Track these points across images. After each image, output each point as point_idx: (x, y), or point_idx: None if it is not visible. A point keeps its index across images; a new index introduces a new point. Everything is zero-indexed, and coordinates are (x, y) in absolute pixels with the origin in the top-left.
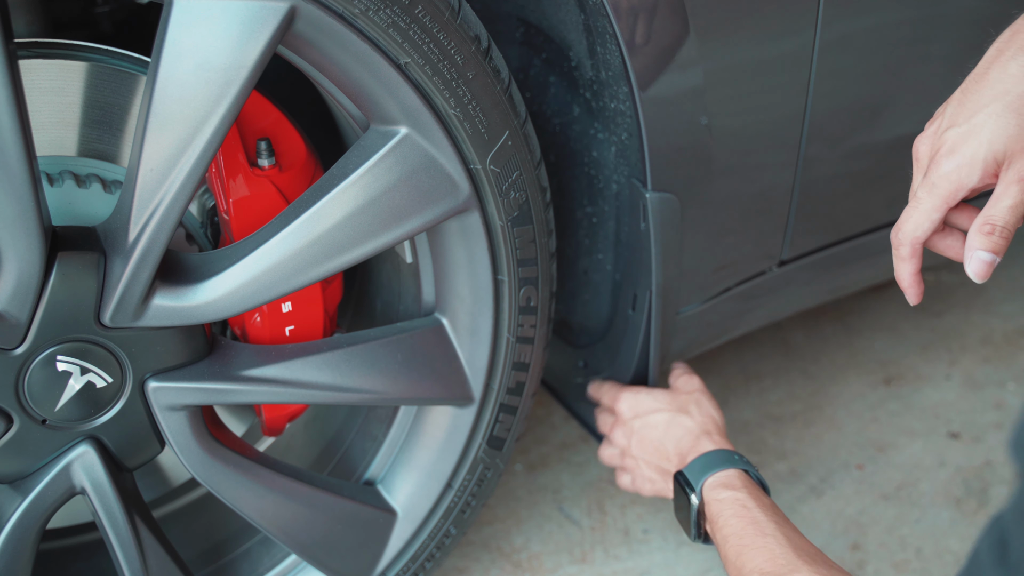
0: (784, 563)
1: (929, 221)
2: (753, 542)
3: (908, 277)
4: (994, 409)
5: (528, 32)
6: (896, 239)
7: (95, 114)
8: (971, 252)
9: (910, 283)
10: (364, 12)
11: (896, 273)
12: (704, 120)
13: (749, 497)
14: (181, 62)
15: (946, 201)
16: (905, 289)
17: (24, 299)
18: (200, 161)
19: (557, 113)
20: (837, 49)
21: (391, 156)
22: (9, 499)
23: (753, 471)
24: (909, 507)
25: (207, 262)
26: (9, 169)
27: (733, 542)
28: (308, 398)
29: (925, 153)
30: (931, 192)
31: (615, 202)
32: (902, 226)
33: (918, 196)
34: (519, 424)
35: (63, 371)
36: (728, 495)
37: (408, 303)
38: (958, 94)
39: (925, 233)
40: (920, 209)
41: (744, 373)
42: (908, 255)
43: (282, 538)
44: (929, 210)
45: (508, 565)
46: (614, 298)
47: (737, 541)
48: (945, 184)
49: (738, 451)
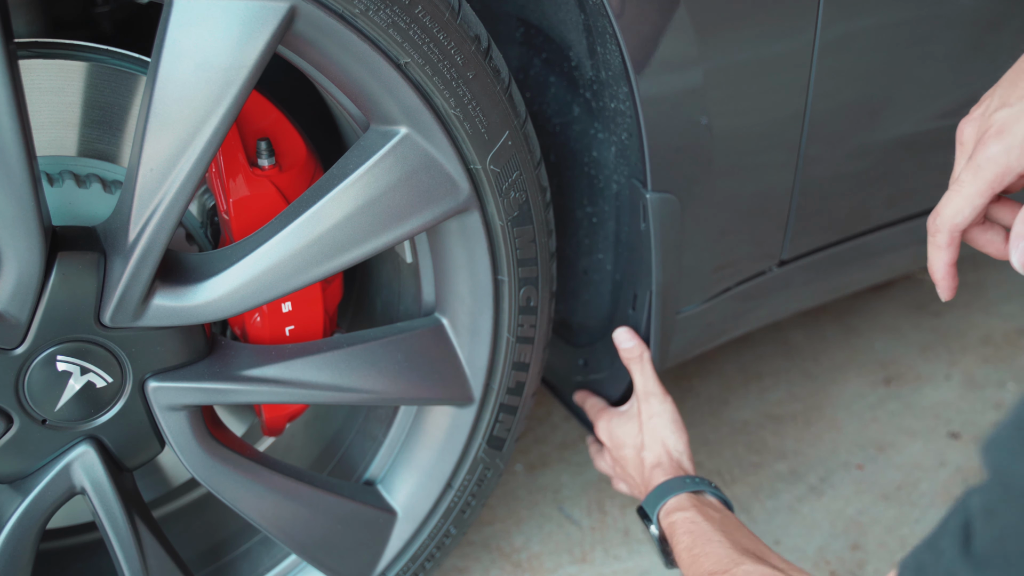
0: (728, 561)
1: (971, 207)
2: (702, 550)
3: (942, 268)
4: (994, 409)
5: (528, 32)
6: (933, 225)
7: (95, 114)
8: (1019, 241)
9: (944, 275)
10: (364, 12)
11: (929, 263)
12: (704, 120)
13: (697, 513)
14: (181, 62)
15: (991, 186)
16: (937, 281)
17: (24, 299)
18: (200, 161)
19: (557, 113)
20: (837, 49)
21: (391, 156)
22: (9, 499)
23: (709, 488)
24: (909, 507)
25: (207, 262)
26: (9, 169)
27: (685, 556)
28: (308, 398)
29: (970, 136)
30: (975, 175)
31: (615, 202)
32: (941, 211)
33: (960, 180)
34: (519, 424)
35: (63, 371)
36: (679, 516)
37: (408, 303)
38: (1010, 74)
39: (965, 220)
40: (962, 194)
41: (744, 373)
42: (945, 243)
43: (282, 538)
44: (972, 195)
45: (508, 565)
46: (614, 298)
47: (688, 553)
48: (991, 167)
49: (696, 474)
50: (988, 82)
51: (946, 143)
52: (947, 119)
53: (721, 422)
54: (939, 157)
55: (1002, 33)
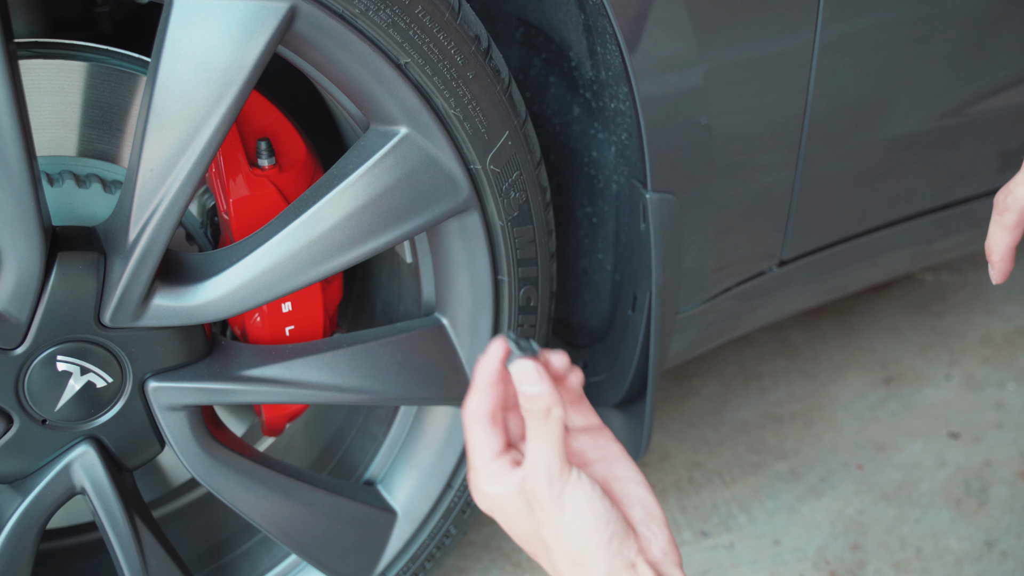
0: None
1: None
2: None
3: (1003, 249)
4: (994, 409)
5: (528, 32)
6: (1003, 203)
7: (95, 114)
8: None
9: (1002, 256)
10: (364, 12)
11: (989, 242)
12: (704, 120)
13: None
14: (181, 62)
15: None
16: (994, 263)
17: (24, 299)
18: (200, 161)
19: (557, 113)
20: (837, 49)
21: (391, 156)
22: (9, 499)
23: None
24: (909, 507)
25: (207, 262)
26: (9, 169)
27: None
28: (308, 398)
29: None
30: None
31: (615, 202)
32: (1015, 190)
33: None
34: None
35: (63, 371)
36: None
37: (408, 303)
38: None
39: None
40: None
41: (744, 373)
42: (1013, 224)
43: (282, 538)
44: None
45: (508, 565)
46: (614, 298)
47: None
48: None
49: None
50: (988, 82)
51: (946, 143)
52: (947, 119)
53: (721, 422)
54: (939, 157)
55: (1002, 33)
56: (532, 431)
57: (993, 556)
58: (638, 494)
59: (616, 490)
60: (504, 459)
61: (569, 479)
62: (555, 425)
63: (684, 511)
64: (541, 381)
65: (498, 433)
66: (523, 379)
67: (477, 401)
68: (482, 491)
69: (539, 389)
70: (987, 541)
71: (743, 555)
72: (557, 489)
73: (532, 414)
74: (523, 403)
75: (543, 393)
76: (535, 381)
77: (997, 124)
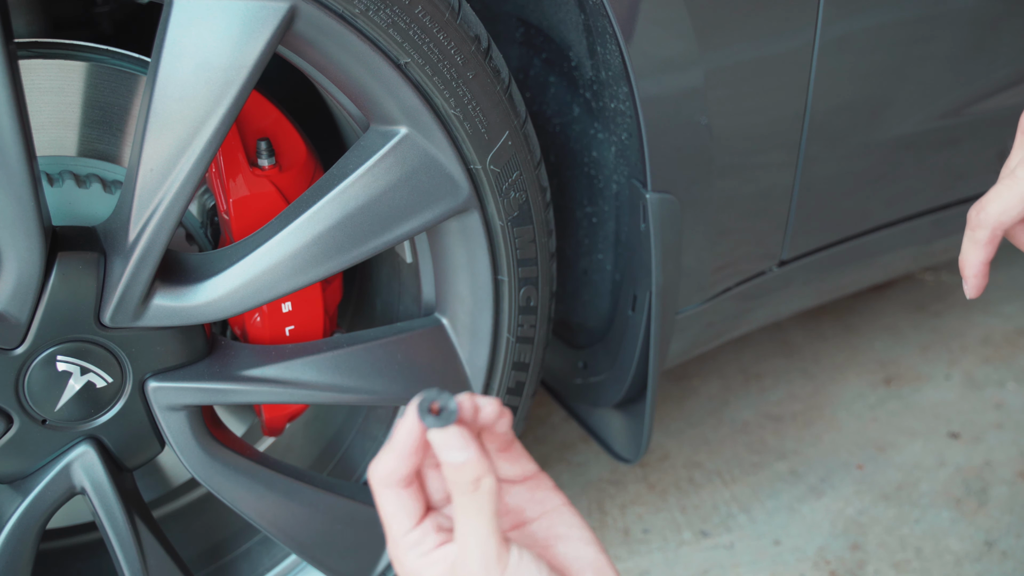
0: None
1: (1023, 204)
2: None
3: (976, 265)
4: (994, 409)
5: (528, 32)
6: (976, 219)
7: (95, 114)
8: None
9: (975, 272)
10: (364, 12)
11: (963, 257)
12: (704, 120)
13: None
14: (181, 62)
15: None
16: (967, 278)
17: (24, 299)
18: (200, 161)
19: (557, 113)
20: (837, 49)
21: (391, 156)
22: (9, 499)
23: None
24: (909, 507)
25: (207, 262)
26: (9, 169)
27: None
28: (308, 398)
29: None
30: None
31: (615, 202)
32: (986, 206)
33: (1016, 174)
34: (519, 424)
35: (63, 371)
36: None
37: (408, 303)
38: None
39: (1013, 219)
40: (1016, 190)
41: (744, 373)
42: (985, 240)
43: (282, 538)
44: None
45: None
46: (614, 298)
47: None
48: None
49: None
50: (988, 82)
51: (946, 143)
52: (947, 119)
53: (721, 422)
54: (939, 157)
55: (1002, 33)
56: (461, 506)
57: (993, 556)
58: (587, 555)
59: (562, 555)
60: (426, 526)
61: (508, 564)
62: (487, 498)
63: (684, 511)
64: (467, 447)
65: (415, 496)
66: (445, 446)
67: (390, 465)
68: (406, 567)
69: (465, 456)
70: (987, 541)
71: (743, 555)
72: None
73: (459, 486)
74: (448, 473)
75: (470, 461)
76: (460, 447)
77: (997, 124)
